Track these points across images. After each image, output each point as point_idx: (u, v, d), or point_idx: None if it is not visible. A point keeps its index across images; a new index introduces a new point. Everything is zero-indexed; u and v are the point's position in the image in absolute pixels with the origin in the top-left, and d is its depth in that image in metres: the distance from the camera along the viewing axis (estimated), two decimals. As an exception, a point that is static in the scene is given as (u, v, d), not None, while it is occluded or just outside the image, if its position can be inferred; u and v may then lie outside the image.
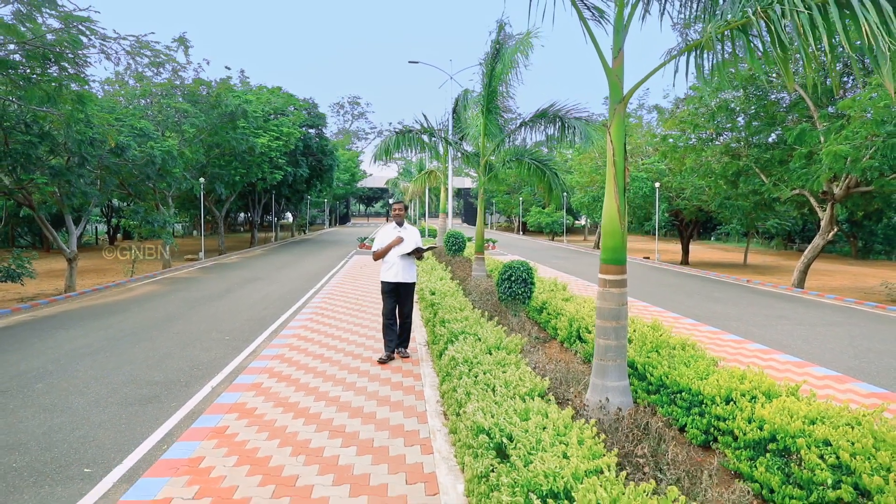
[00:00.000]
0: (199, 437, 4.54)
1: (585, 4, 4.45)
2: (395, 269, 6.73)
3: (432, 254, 17.31)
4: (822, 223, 16.25)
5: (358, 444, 4.37)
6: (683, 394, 4.21)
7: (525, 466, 2.71)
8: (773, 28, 3.50)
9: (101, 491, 3.82)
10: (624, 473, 2.68)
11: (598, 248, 33.74)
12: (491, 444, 3.12)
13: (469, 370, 4.41)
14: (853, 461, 2.84)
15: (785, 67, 3.67)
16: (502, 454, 3.09)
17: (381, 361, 6.76)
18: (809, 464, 2.97)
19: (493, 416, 3.37)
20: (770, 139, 18.43)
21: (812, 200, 16.85)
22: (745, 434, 3.46)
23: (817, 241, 16.32)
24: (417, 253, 6.79)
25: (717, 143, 19.48)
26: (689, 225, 25.91)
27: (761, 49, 3.76)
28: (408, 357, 6.95)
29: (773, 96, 17.45)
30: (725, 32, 3.83)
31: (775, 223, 26.72)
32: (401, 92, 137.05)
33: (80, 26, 10.34)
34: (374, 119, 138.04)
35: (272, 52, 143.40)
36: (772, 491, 3.17)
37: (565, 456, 2.79)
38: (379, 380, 6.11)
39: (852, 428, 3.11)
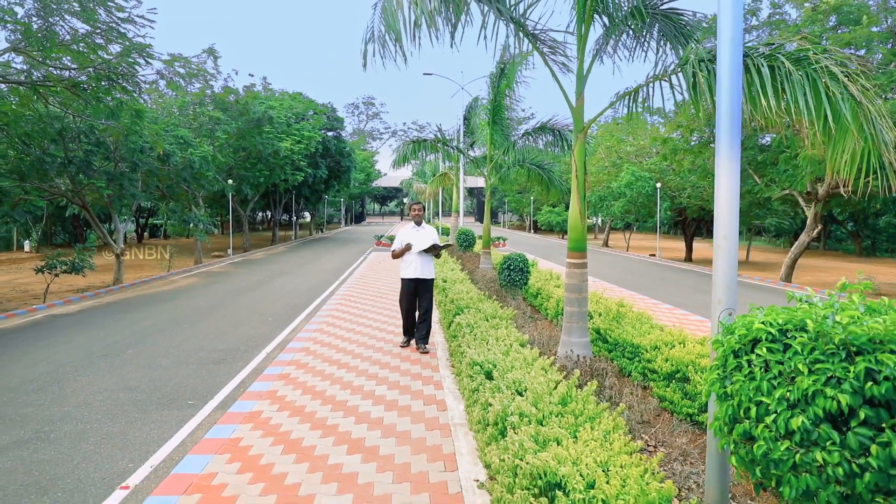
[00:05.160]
0: (271, 379, 6.10)
1: (555, 60, 5.92)
2: (415, 266, 7.23)
3: (446, 249, 18.79)
4: (808, 221, 17.47)
5: (387, 384, 5.90)
6: (629, 348, 5.65)
7: (501, 378, 4.18)
8: (687, 81, 4.91)
9: (205, 413, 5.36)
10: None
11: (607, 245, 34.99)
12: (482, 371, 4.60)
13: (470, 331, 5.90)
14: (715, 375, 4.28)
15: (697, 107, 5.07)
16: (489, 377, 4.56)
17: (403, 345, 7.49)
18: (694, 382, 4.42)
19: (484, 356, 4.84)
20: (764, 141, 19.59)
21: (800, 200, 18.04)
22: (662, 369, 4.91)
23: (803, 238, 17.55)
24: (434, 250, 7.26)
25: (713, 145, 20.59)
26: (693, 223, 27.04)
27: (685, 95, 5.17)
28: (427, 352, 7.16)
29: None
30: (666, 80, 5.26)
31: (773, 221, 27.71)
32: (414, 93, 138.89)
33: (139, 52, 11.98)
34: (388, 119, 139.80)
35: (287, 54, 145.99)
36: (674, 404, 4.61)
37: (528, 373, 4.26)
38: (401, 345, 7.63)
39: (727, 359, 4.53)
